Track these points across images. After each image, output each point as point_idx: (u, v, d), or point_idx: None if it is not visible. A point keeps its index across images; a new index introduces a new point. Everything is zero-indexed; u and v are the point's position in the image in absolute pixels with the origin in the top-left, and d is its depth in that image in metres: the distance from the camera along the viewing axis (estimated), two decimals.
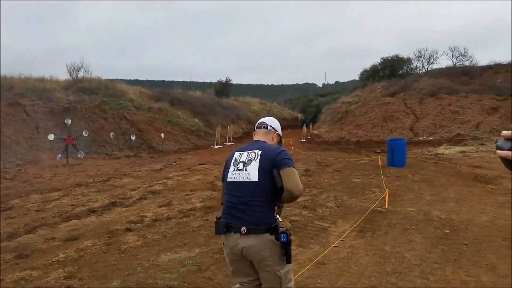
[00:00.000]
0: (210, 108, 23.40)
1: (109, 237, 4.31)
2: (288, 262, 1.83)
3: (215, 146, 18.35)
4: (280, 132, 2.15)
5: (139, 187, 7.61)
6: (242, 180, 1.87)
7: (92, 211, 5.64)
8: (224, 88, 34.60)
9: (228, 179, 1.95)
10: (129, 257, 3.67)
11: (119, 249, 3.89)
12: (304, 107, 40.89)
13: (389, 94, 21.64)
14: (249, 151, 1.94)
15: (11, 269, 3.41)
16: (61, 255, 3.73)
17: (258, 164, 1.84)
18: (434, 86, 20.26)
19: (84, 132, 12.62)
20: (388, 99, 20.54)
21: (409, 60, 30.26)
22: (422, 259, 3.40)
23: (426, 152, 12.33)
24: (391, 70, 29.41)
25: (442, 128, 16.04)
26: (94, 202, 6.25)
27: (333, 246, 3.78)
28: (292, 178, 1.78)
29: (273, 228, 1.80)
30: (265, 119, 2.14)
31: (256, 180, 1.82)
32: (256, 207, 1.81)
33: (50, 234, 4.49)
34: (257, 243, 1.77)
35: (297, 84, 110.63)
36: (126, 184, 8.10)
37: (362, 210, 5.24)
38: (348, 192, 6.60)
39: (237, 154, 1.98)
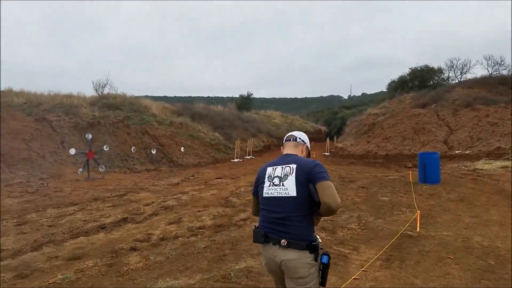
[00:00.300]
0: (230, 122, 23.50)
1: (112, 257, 4.18)
2: (322, 285, 1.81)
3: (235, 160, 18.28)
4: (309, 145, 2.15)
5: (153, 202, 7.52)
6: (280, 196, 1.86)
7: (102, 227, 5.60)
8: (246, 102, 34.84)
9: (265, 195, 1.94)
10: (127, 281, 3.48)
11: (119, 272, 3.72)
12: (328, 120, 40.22)
13: (420, 106, 20.81)
14: (284, 166, 1.93)
15: None
16: (60, 276, 3.64)
17: (295, 179, 1.84)
18: (469, 97, 19.35)
19: (105, 147, 12.82)
20: (419, 111, 19.69)
21: (440, 70, 29.33)
22: None
23: (463, 167, 11.34)
24: (421, 81, 28.65)
25: (480, 141, 14.90)
26: (107, 218, 6.21)
27: (353, 278, 3.28)
28: (329, 192, 1.75)
29: (314, 247, 1.79)
30: (294, 133, 2.16)
31: (295, 195, 1.82)
32: (296, 222, 1.81)
33: (55, 253, 4.44)
34: (296, 259, 1.77)
35: (322, 97, 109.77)
36: (142, 199, 8.02)
37: (390, 234, 4.67)
38: (374, 212, 6.00)
39: (270, 169, 1.98)
